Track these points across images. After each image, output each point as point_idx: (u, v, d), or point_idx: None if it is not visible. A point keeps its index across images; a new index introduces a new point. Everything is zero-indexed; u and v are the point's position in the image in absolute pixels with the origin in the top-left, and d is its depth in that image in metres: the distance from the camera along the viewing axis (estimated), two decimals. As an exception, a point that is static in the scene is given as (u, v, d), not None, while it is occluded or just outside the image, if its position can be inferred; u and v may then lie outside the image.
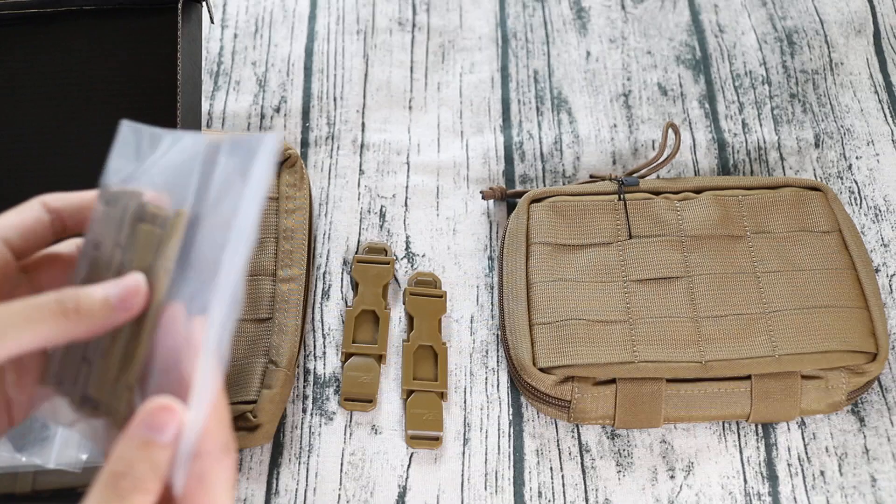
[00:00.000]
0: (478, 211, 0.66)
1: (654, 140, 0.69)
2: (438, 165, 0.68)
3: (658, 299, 0.58)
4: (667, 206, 0.62)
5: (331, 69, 0.72)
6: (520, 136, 0.69)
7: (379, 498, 0.55)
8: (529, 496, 0.55)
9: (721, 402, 0.55)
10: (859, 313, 0.57)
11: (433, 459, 0.56)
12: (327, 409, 0.58)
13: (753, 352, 0.56)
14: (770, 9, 0.76)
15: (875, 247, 0.64)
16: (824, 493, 0.55)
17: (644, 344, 0.56)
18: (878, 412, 0.58)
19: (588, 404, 0.55)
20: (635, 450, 0.56)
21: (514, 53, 0.74)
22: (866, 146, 0.68)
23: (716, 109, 0.71)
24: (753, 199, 0.62)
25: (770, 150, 0.68)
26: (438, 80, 0.72)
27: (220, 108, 0.70)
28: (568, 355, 0.56)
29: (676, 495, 0.55)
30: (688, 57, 0.73)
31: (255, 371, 0.55)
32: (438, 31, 0.75)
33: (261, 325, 0.57)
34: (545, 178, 0.67)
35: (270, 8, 0.76)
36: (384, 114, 0.70)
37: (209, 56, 0.73)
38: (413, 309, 0.60)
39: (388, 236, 0.64)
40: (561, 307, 0.58)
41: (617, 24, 0.75)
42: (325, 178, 0.67)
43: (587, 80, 0.72)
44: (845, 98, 0.71)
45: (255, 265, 0.59)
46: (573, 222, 0.61)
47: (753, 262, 0.59)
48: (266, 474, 0.55)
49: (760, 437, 0.57)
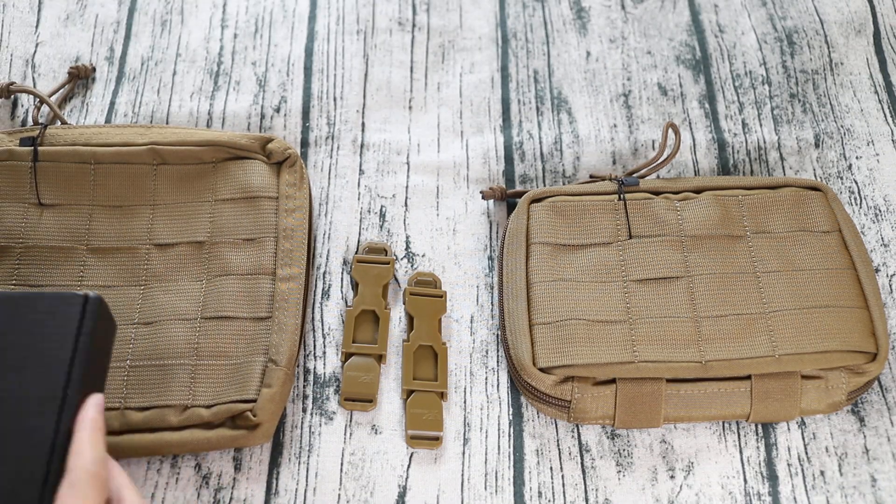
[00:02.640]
0: (478, 211, 0.66)
1: (654, 140, 0.69)
2: (438, 165, 0.68)
3: (658, 299, 0.58)
4: (667, 206, 0.62)
5: (331, 69, 0.72)
6: (520, 136, 0.69)
7: (379, 498, 0.55)
8: (529, 496, 0.55)
9: (721, 402, 0.55)
10: (859, 313, 0.57)
11: (433, 459, 0.56)
12: (327, 408, 0.58)
13: (753, 352, 0.56)
14: (770, 9, 0.76)
15: (875, 247, 0.64)
16: (824, 493, 0.55)
17: (644, 344, 0.56)
18: (878, 412, 0.58)
19: (588, 404, 0.55)
20: (635, 450, 0.56)
21: (514, 53, 0.74)
22: (866, 146, 0.68)
23: (716, 109, 0.71)
24: (753, 199, 0.62)
25: (770, 150, 0.68)
26: (438, 80, 0.72)
27: (220, 108, 0.70)
28: (568, 355, 0.56)
29: (676, 495, 0.55)
30: (688, 57, 0.73)
31: (254, 370, 0.55)
32: (438, 31, 0.75)
33: (260, 324, 0.57)
34: (545, 178, 0.67)
35: (270, 8, 0.76)
36: (384, 114, 0.70)
37: (209, 56, 0.73)
38: (413, 309, 0.60)
39: (388, 236, 0.64)
40: (561, 307, 0.58)
41: (617, 24, 0.75)
42: (325, 178, 0.67)
43: (587, 80, 0.72)
44: (845, 98, 0.71)
45: (254, 264, 0.59)
46: (573, 222, 0.61)
47: (753, 262, 0.59)
48: (266, 474, 0.55)
49: (760, 437, 0.57)
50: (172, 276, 0.59)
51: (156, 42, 0.74)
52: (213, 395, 0.55)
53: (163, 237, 0.61)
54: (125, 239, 0.61)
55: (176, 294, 0.59)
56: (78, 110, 0.70)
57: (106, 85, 0.71)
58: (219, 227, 0.61)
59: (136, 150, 0.62)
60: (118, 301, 0.58)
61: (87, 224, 0.61)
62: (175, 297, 0.58)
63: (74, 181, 0.62)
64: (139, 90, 0.71)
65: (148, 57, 0.73)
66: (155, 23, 0.75)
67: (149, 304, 0.58)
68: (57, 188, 0.62)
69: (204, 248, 0.60)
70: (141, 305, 0.58)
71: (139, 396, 0.55)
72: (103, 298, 0.51)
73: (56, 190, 0.62)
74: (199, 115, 0.69)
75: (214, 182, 0.62)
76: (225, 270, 0.59)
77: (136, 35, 0.74)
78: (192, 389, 0.55)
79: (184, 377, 0.55)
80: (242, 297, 0.58)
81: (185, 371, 0.56)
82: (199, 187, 0.62)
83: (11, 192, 0.61)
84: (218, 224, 0.61)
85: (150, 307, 0.58)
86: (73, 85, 0.70)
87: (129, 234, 0.61)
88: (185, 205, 0.62)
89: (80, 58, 0.72)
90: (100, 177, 0.62)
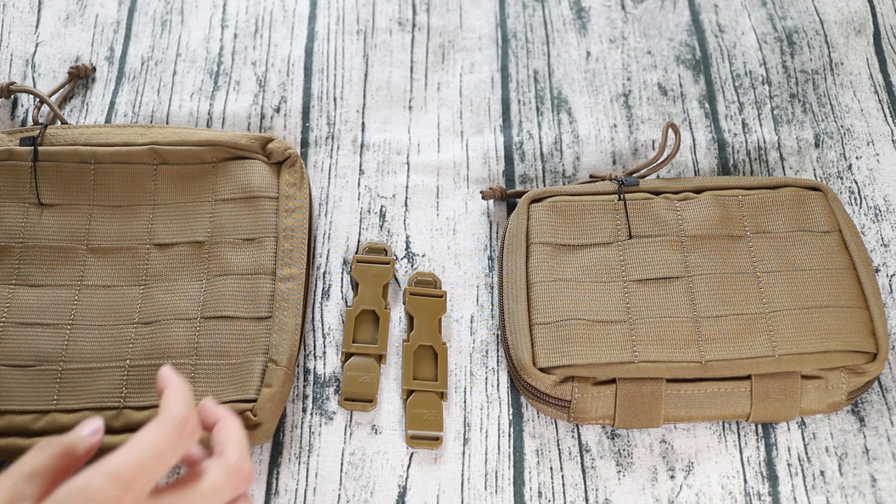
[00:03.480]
0: (478, 211, 0.66)
1: (654, 140, 0.69)
2: (438, 165, 0.68)
3: (658, 299, 0.58)
4: (667, 206, 0.62)
5: (331, 69, 0.72)
6: (520, 136, 0.69)
7: (379, 498, 0.55)
8: (529, 496, 0.55)
9: (721, 402, 0.55)
10: (859, 313, 0.57)
11: (433, 459, 0.56)
12: (327, 408, 0.58)
13: (753, 352, 0.56)
14: (770, 9, 0.76)
15: (875, 247, 0.64)
16: (824, 493, 0.55)
17: (644, 344, 0.56)
18: (878, 412, 0.58)
19: (588, 404, 0.55)
20: (635, 450, 0.56)
21: (514, 53, 0.74)
22: (866, 146, 0.68)
23: (716, 109, 0.71)
24: (753, 199, 0.62)
25: (770, 150, 0.68)
26: (438, 80, 0.72)
27: (220, 108, 0.70)
28: (568, 355, 0.56)
29: (676, 495, 0.55)
30: (688, 57, 0.73)
31: (254, 369, 0.55)
32: (438, 31, 0.75)
33: (260, 324, 0.57)
34: (545, 178, 0.67)
35: (270, 8, 0.76)
36: (384, 114, 0.70)
37: (209, 56, 0.73)
38: (413, 309, 0.60)
39: (388, 236, 0.64)
40: (561, 307, 0.58)
41: (617, 24, 0.75)
42: (325, 178, 0.67)
43: (587, 80, 0.72)
44: (845, 98, 0.71)
45: (254, 264, 0.59)
46: (573, 222, 0.61)
47: (753, 262, 0.59)
48: (266, 474, 0.55)
49: (760, 437, 0.57)
50: (172, 276, 0.59)
51: (156, 42, 0.74)
52: (214, 395, 0.55)
53: (163, 237, 0.61)
54: (125, 239, 0.61)
55: (176, 294, 0.59)
56: (78, 110, 0.70)
57: (106, 85, 0.71)
58: (219, 227, 0.61)
59: (136, 149, 0.62)
60: (118, 301, 0.58)
61: (88, 224, 0.61)
62: (175, 297, 0.58)
63: (74, 181, 0.62)
64: (139, 90, 0.71)
65: (148, 57, 0.73)
66: (155, 23, 0.75)
67: (149, 303, 0.58)
68: (57, 188, 0.62)
69: (204, 247, 0.60)
70: (141, 305, 0.58)
71: (139, 396, 0.55)
72: None
73: (56, 190, 0.62)
74: (199, 115, 0.69)
75: (215, 182, 0.62)
76: (225, 270, 0.59)
77: (136, 35, 0.74)
78: (192, 389, 0.55)
79: (184, 377, 0.55)
80: (242, 296, 0.58)
81: (185, 371, 0.56)
82: (200, 187, 0.62)
83: (11, 191, 0.61)
84: (218, 224, 0.61)
85: (150, 307, 0.58)
86: (73, 85, 0.70)
87: (130, 233, 0.61)
88: (186, 205, 0.62)
89: (80, 58, 0.72)
90: (100, 176, 0.62)
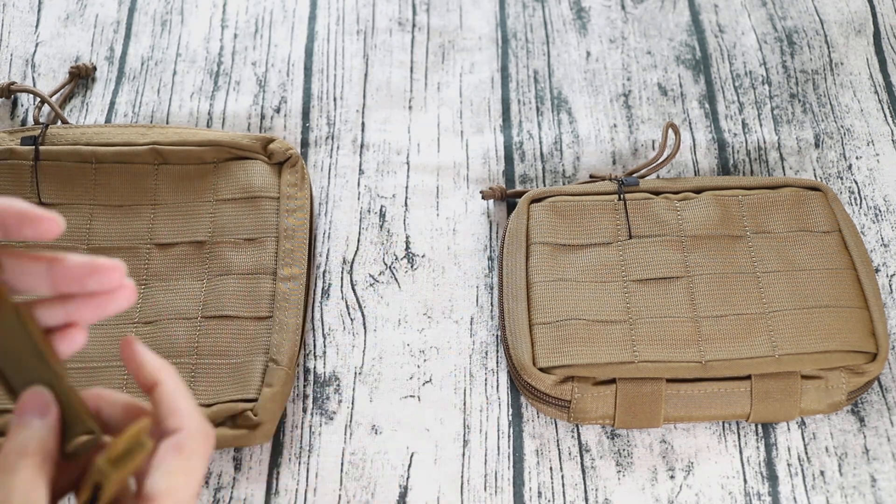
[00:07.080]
0: (478, 211, 0.66)
1: (654, 140, 0.69)
2: (438, 165, 0.68)
3: (658, 299, 0.58)
4: (667, 206, 0.62)
5: (331, 69, 0.72)
6: (520, 136, 0.69)
7: (380, 498, 0.55)
8: (529, 496, 0.55)
9: (721, 402, 0.55)
10: (859, 313, 0.57)
11: (433, 460, 0.56)
12: (327, 408, 0.58)
13: (753, 352, 0.56)
14: (770, 9, 0.76)
15: (875, 247, 0.64)
16: (824, 493, 0.55)
17: (644, 344, 0.56)
18: (878, 412, 0.58)
19: (588, 404, 0.55)
20: (635, 450, 0.57)
21: (514, 53, 0.74)
22: (866, 146, 0.68)
23: (716, 109, 0.71)
24: (753, 199, 0.62)
25: (770, 150, 0.68)
26: (438, 80, 0.72)
27: (220, 108, 0.70)
28: (568, 355, 0.56)
29: (676, 495, 0.55)
30: (688, 57, 0.73)
31: (255, 369, 0.55)
32: (438, 31, 0.75)
33: (261, 323, 0.57)
34: (545, 178, 0.67)
35: (270, 8, 0.76)
36: (384, 114, 0.70)
37: (209, 56, 0.73)
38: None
39: (388, 236, 0.64)
40: (561, 307, 0.58)
41: (617, 24, 0.75)
42: (325, 178, 0.67)
43: (587, 80, 0.72)
44: (845, 98, 0.71)
45: (255, 263, 0.59)
46: (573, 222, 0.61)
47: (753, 262, 0.59)
48: (266, 474, 0.55)
49: (760, 437, 0.57)
50: (173, 276, 0.59)
51: (156, 42, 0.74)
52: (214, 395, 0.55)
53: (163, 237, 0.61)
54: (126, 238, 0.61)
55: (176, 293, 0.59)
56: (78, 110, 0.70)
57: (106, 85, 0.71)
58: (220, 227, 0.61)
59: (137, 149, 0.62)
60: (118, 301, 0.58)
61: (88, 223, 0.61)
62: (176, 297, 0.58)
63: (75, 180, 0.62)
64: (139, 90, 0.71)
65: (148, 57, 0.73)
66: (155, 23, 0.75)
67: (149, 303, 0.58)
68: (58, 187, 0.62)
69: (205, 247, 0.60)
70: (141, 305, 0.58)
71: (139, 396, 0.55)
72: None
73: (57, 189, 0.62)
74: (200, 116, 0.69)
75: (215, 182, 0.62)
76: (226, 270, 0.59)
77: (136, 35, 0.74)
78: (192, 388, 0.55)
79: (184, 376, 0.55)
80: (243, 296, 0.58)
81: (186, 370, 0.56)
82: (201, 187, 0.62)
83: (12, 191, 0.61)
84: (219, 224, 0.61)
85: (150, 306, 0.58)
86: (73, 84, 0.70)
87: (130, 233, 0.61)
88: (186, 204, 0.62)
89: (80, 57, 0.72)
90: (101, 176, 0.62)
